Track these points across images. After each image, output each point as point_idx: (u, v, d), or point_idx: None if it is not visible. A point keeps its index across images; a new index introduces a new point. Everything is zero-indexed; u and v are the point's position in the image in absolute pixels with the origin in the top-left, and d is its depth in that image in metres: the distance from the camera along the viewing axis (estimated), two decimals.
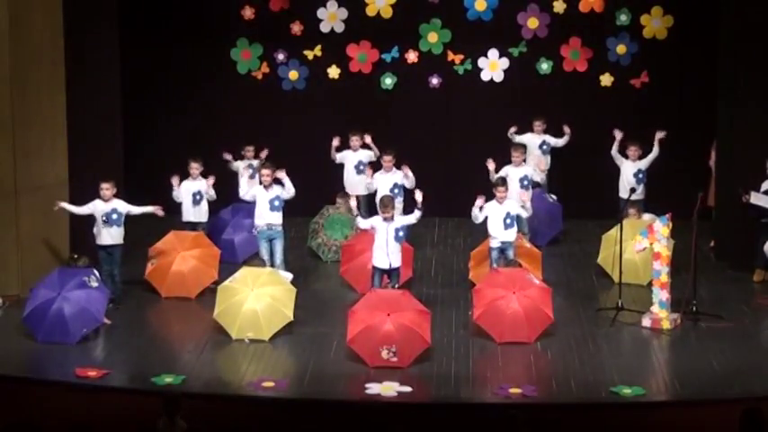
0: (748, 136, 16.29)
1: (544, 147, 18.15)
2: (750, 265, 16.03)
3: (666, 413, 12.42)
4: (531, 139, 18.12)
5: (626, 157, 17.21)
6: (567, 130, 18.16)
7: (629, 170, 17.12)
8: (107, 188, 15.14)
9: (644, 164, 17.14)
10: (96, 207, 15.10)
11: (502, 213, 15.11)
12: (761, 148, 16.08)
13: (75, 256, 14.82)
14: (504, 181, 15.53)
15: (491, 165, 16.40)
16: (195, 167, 16.54)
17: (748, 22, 16.18)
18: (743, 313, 14.93)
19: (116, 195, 15.21)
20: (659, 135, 17.16)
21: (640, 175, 17.07)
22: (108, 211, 15.07)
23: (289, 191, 15.63)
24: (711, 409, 12.24)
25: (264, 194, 15.66)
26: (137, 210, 15.25)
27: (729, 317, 14.66)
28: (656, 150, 17.14)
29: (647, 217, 16.34)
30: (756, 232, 15.81)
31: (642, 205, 16.77)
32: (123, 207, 15.16)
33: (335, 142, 17.50)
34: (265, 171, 15.74)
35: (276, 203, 15.59)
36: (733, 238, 16.56)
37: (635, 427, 12.22)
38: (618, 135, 17.30)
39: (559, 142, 18.20)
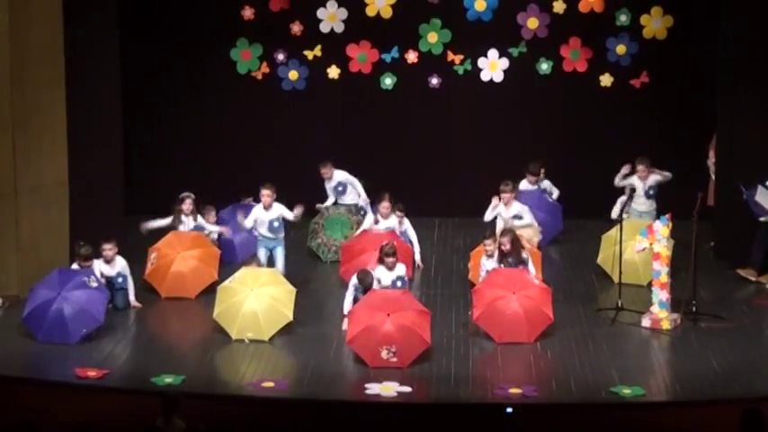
0: (749, 136, 16.29)
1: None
2: (750, 265, 16.04)
3: (666, 413, 12.42)
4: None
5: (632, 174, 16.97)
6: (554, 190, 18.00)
7: (641, 190, 16.92)
8: (109, 248, 14.99)
9: (653, 180, 16.87)
10: (98, 268, 14.89)
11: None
12: (761, 148, 16.09)
13: (81, 243, 14.75)
14: (492, 232, 15.44)
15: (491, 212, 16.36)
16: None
17: (748, 22, 16.18)
18: (743, 313, 14.93)
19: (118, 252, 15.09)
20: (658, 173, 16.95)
21: (651, 192, 16.88)
22: (112, 276, 14.98)
23: (291, 216, 15.44)
24: (711, 409, 12.24)
25: (264, 215, 15.51)
26: (131, 286, 15.11)
27: (729, 317, 14.67)
28: (668, 174, 16.91)
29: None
30: (757, 232, 15.82)
31: (654, 216, 16.50)
32: (126, 270, 15.05)
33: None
34: (266, 192, 15.50)
35: (276, 225, 15.46)
36: (733, 238, 16.56)
37: (635, 427, 12.22)
38: (625, 170, 16.93)
39: (554, 192, 18.01)
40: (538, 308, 14.03)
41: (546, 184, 18.04)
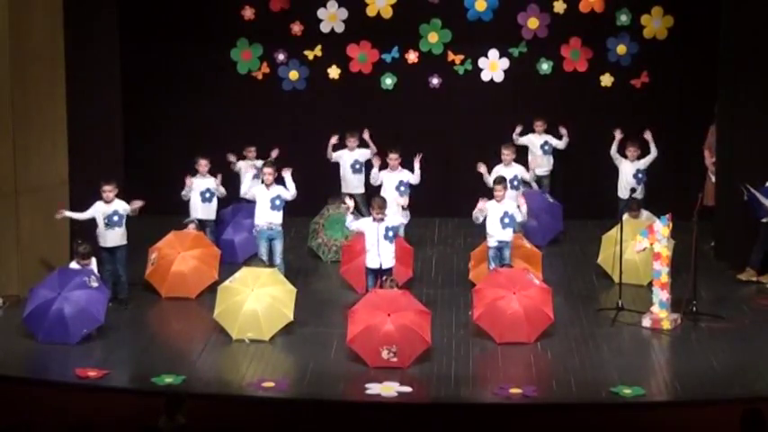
0: (749, 136, 16.28)
1: (546, 147, 18.26)
2: (750, 266, 16.04)
3: (666, 413, 12.41)
4: (533, 140, 18.26)
5: (625, 157, 17.28)
6: (563, 131, 18.24)
7: (629, 170, 17.20)
8: (109, 190, 15.14)
9: (643, 164, 17.21)
10: (97, 209, 15.09)
11: (500, 212, 15.15)
12: (761, 148, 16.08)
13: (80, 242, 14.78)
14: (503, 179, 15.59)
15: (482, 168, 16.43)
16: (204, 164, 16.73)
17: (748, 22, 16.18)
18: (743, 313, 14.93)
19: (117, 196, 15.24)
20: (648, 135, 17.23)
21: (639, 176, 17.14)
22: (109, 213, 15.07)
23: (290, 191, 15.63)
24: (711, 409, 12.24)
25: (265, 193, 15.68)
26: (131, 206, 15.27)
27: (729, 317, 14.67)
28: (653, 150, 17.21)
29: (645, 215, 16.40)
30: (758, 232, 15.83)
31: (642, 205, 16.79)
32: (124, 208, 15.17)
33: (333, 140, 17.62)
34: (267, 170, 15.75)
35: (277, 203, 15.61)
36: (733, 238, 16.56)
37: (635, 427, 12.22)
38: (618, 135, 17.40)
39: (559, 144, 18.29)
40: (538, 308, 14.03)
41: (547, 137, 18.27)
